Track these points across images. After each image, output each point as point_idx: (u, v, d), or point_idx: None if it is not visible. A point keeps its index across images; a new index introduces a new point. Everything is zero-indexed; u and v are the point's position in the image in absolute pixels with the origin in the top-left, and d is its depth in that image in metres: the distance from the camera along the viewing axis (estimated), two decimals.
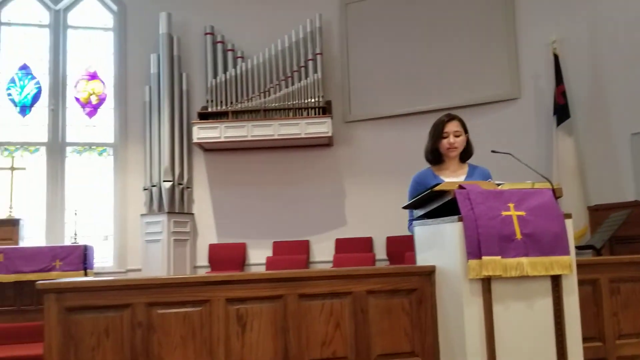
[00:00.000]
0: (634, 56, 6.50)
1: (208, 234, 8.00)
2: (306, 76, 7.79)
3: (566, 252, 2.51)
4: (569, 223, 2.62)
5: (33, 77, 7.99)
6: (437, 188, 2.67)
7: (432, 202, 2.79)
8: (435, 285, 2.67)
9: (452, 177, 3.17)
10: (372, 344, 2.60)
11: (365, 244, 7.62)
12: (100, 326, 2.42)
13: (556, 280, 2.50)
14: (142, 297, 2.45)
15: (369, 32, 8.10)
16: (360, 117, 8.02)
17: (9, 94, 7.90)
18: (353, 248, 7.55)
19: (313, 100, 7.66)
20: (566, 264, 2.49)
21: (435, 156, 3.27)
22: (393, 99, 7.85)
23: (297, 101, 7.71)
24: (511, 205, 2.60)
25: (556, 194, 2.72)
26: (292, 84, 7.82)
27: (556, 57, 6.98)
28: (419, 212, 2.91)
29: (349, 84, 8.10)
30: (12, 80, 7.94)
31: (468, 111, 6.89)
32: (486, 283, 2.43)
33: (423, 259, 2.83)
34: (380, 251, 7.67)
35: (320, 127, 7.54)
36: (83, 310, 2.41)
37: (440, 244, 2.66)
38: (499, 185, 2.72)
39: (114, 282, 2.48)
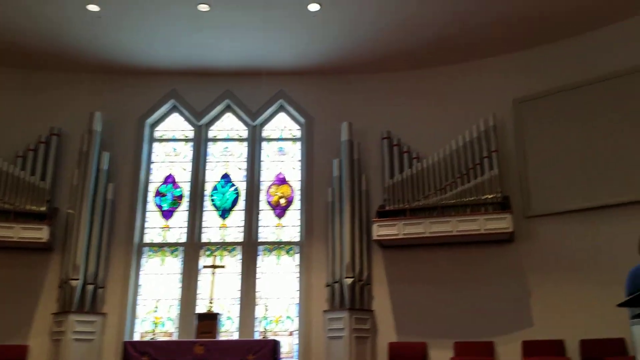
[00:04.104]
0: None
1: (387, 332, 8.05)
2: (482, 173, 7.88)
3: None
4: None
5: (232, 185, 9.08)
6: None
7: None
8: None
9: None
10: None
11: (556, 347, 7.10)
12: None
13: None
14: None
15: (545, 127, 8.04)
16: (542, 211, 7.80)
17: (213, 200, 9.02)
18: (543, 351, 7.06)
19: (491, 196, 7.68)
20: None
21: None
22: (576, 192, 7.57)
23: (474, 197, 7.78)
24: None
25: None
26: (469, 181, 7.95)
27: None
28: (637, 310, 2.79)
29: (527, 179, 8.00)
30: (215, 188, 9.08)
31: None
32: None
33: None
34: (573, 355, 7.09)
35: (500, 223, 7.49)
36: None
37: None
38: None
39: None
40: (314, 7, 7.65)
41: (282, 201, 9.00)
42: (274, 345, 7.29)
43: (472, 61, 8.72)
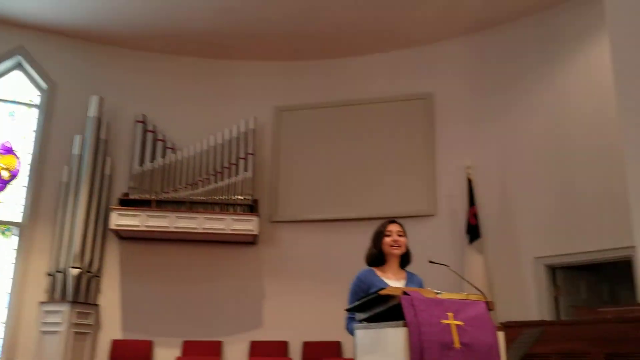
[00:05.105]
0: (538, 187, 7.07)
1: (113, 329, 7.47)
2: (236, 174, 7.83)
3: None
4: (500, 335, 2.74)
5: None
6: (383, 292, 2.71)
7: (376, 306, 2.81)
8: None
9: (394, 281, 3.21)
10: None
11: (280, 348, 7.39)
12: None
13: None
14: None
15: (300, 139, 8.39)
16: (286, 218, 8.08)
17: None
18: (268, 351, 7.29)
19: (241, 197, 7.68)
20: None
21: (378, 257, 3.29)
22: (319, 204, 8.02)
23: (224, 197, 7.69)
24: (450, 314, 2.66)
25: (489, 306, 2.87)
26: (222, 179, 7.83)
27: (470, 181, 7.33)
28: (361, 315, 2.92)
29: (277, 185, 8.22)
30: None
31: None
32: None
33: None
34: (296, 355, 7.44)
35: (246, 225, 7.51)
36: None
37: (383, 349, 2.66)
38: (437, 293, 2.80)
39: None
40: None
41: (5, 174, 7.72)
42: None
43: (242, 61, 8.60)
